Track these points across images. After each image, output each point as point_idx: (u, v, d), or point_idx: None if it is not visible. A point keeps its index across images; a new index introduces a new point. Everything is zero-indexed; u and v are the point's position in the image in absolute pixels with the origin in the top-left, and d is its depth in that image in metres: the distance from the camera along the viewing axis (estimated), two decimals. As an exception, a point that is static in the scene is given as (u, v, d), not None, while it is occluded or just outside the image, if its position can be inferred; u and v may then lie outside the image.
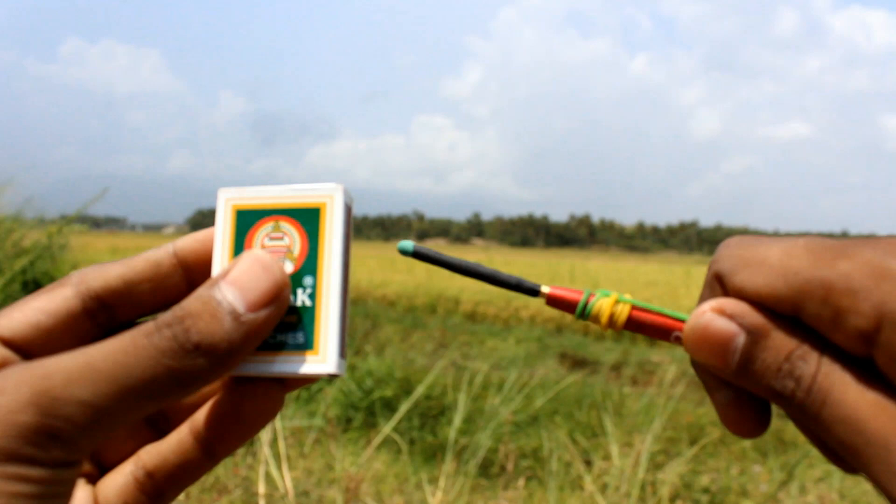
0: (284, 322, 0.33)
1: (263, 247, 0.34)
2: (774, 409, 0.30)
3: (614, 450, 3.15)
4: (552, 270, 20.26)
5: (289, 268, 0.34)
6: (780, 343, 0.27)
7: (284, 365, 0.33)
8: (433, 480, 3.12)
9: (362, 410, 4.27)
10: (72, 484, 0.28)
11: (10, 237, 5.75)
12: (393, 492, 3.09)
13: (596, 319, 0.33)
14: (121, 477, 0.35)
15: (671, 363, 6.13)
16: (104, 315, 0.34)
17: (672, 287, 16.42)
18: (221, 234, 0.35)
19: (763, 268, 0.27)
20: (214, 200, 0.36)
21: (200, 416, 0.35)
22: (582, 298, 0.33)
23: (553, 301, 0.34)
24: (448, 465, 3.09)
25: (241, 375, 0.34)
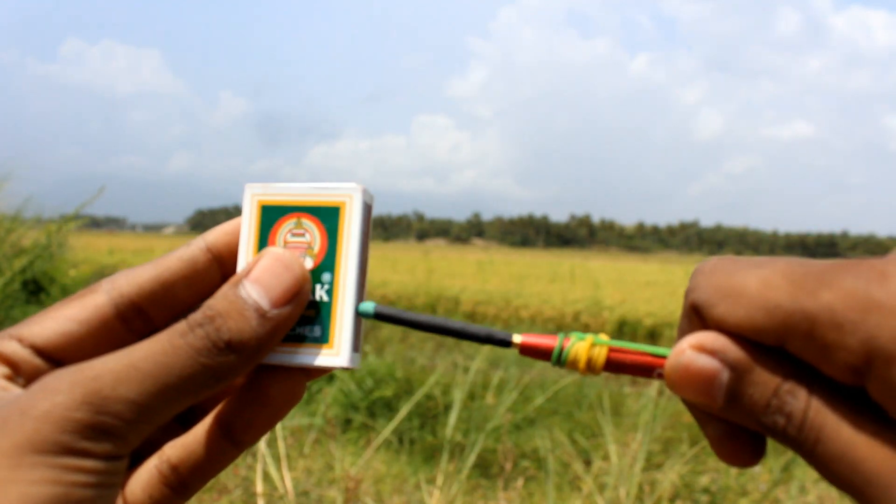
0: (304, 316, 0.35)
1: (286, 242, 0.36)
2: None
3: (613, 450, 3.15)
4: (552, 270, 20.25)
5: (309, 264, 0.35)
6: (766, 378, 0.27)
7: (302, 357, 0.34)
8: (433, 480, 3.12)
9: (362, 410, 4.27)
10: (121, 475, 0.31)
11: (10, 237, 5.74)
12: (392, 492, 3.09)
13: (574, 365, 0.32)
14: (145, 472, 0.36)
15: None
16: (139, 321, 0.35)
17: (672, 287, 16.42)
18: (247, 228, 0.36)
19: (742, 299, 0.26)
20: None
21: (226, 405, 0.36)
22: (556, 345, 0.32)
23: (526, 350, 0.32)
24: (447, 465, 3.09)
25: (264, 364, 0.35)
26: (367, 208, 0.36)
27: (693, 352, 0.28)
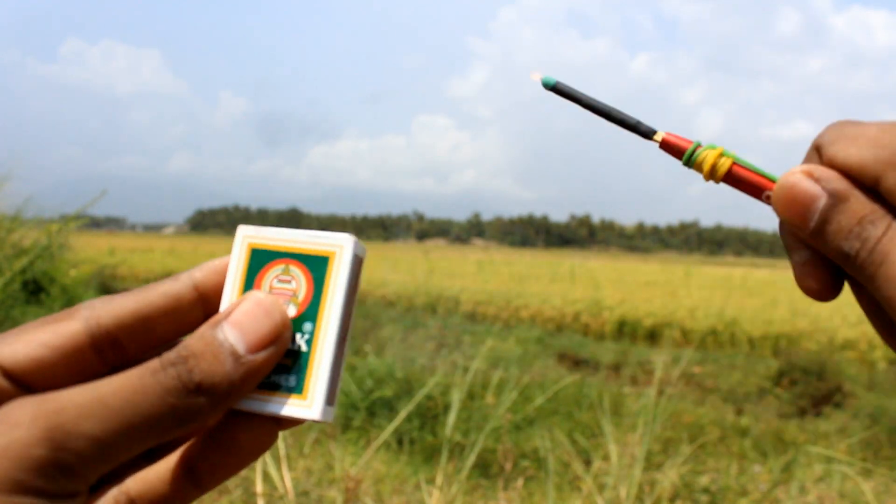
0: (281, 364, 0.34)
1: (272, 288, 0.35)
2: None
3: (613, 450, 3.15)
4: (552, 270, 20.26)
5: (292, 311, 0.35)
6: (856, 207, 0.30)
7: (274, 405, 0.34)
8: (432, 480, 3.12)
9: (362, 410, 4.28)
10: None
11: (10, 237, 5.75)
12: (392, 492, 3.09)
13: (699, 168, 0.36)
14: (102, 500, 0.35)
15: (672, 363, 6.13)
16: (115, 353, 0.34)
17: (672, 287, 16.43)
18: (234, 270, 0.36)
19: (858, 140, 0.30)
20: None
21: (193, 446, 0.35)
22: (690, 147, 0.36)
23: (665, 146, 0.37)
24: (447, 465, 3.09)
25: (235, 410, 0.35)
26: (358, 260, 0.35)
27: (801, 175, 0.31)
